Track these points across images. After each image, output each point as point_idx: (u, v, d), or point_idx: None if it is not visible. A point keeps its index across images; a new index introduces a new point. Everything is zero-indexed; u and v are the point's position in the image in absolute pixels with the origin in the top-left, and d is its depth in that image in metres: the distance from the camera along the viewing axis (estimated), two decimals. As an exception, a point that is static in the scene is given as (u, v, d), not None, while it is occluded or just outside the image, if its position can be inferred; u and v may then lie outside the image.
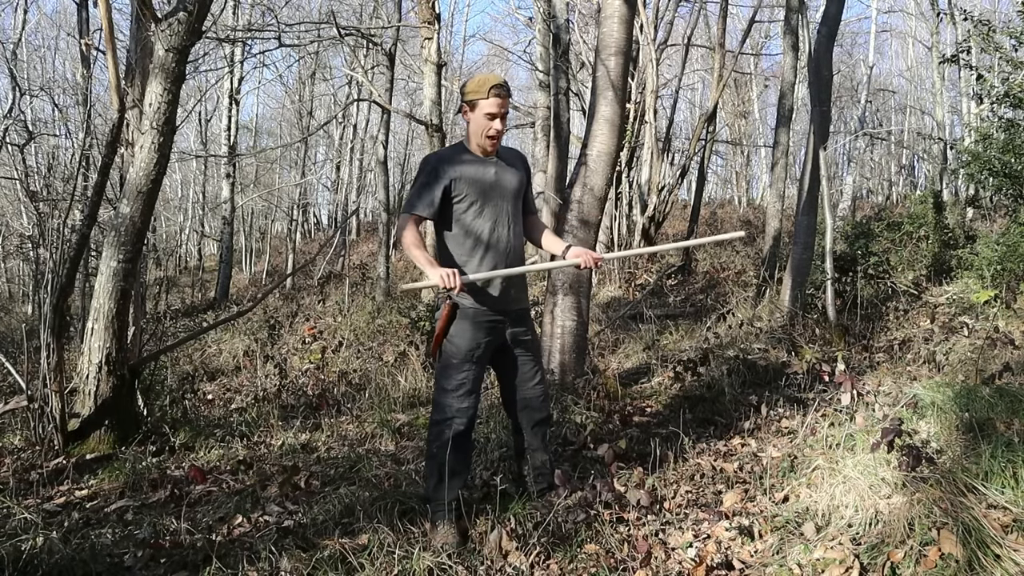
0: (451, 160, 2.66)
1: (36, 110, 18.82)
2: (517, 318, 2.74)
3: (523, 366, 2.78)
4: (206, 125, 21.49)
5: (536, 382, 2.81)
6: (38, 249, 5.04)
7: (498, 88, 2.57)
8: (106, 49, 3.78)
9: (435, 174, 2.63)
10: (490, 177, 2.66)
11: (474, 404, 2.67)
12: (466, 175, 2.63)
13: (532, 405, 2.82)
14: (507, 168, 2.73)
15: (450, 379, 2.64)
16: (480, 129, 2.61)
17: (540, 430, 2.88)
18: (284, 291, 14.45)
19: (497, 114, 2.58)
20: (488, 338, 2.67)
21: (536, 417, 2.85)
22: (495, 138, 2.62)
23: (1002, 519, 2.24)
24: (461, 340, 2.64)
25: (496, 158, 2.71)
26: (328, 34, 11.01)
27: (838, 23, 6.69)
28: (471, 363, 2.64)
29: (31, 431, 3.73)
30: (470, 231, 2.64)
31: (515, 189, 2.72)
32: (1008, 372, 4.04)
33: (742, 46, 13.01)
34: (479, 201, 2.64)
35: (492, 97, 2.56)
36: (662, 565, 2.49)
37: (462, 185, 2.62)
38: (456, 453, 2.64)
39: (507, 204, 2.69)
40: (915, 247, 9.41)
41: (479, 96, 2.57)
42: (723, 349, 5.31)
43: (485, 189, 2.65)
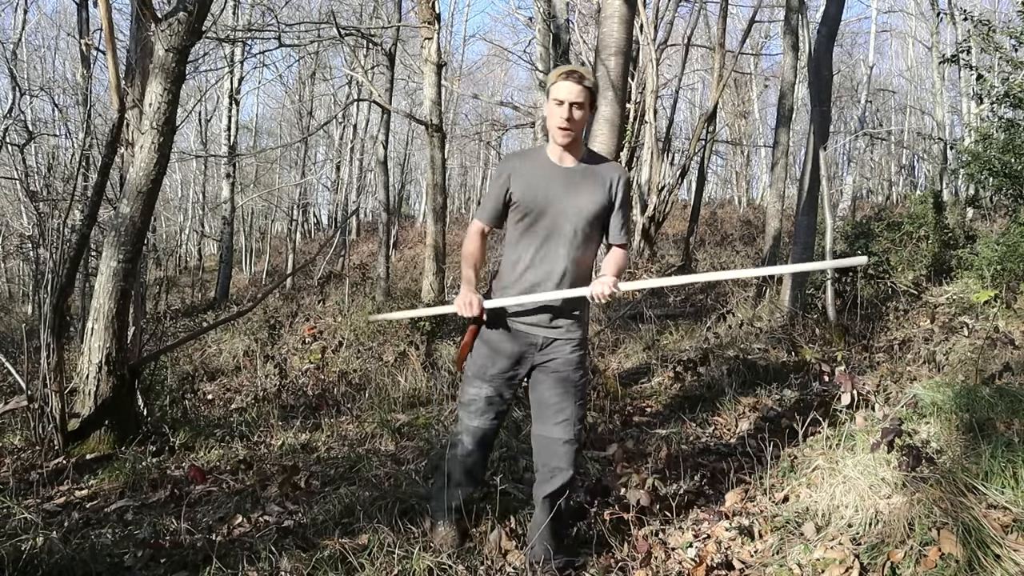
0: (521, 162, 2.41)
1: (36, 110, 18.83)
2: (550, 344, 2.42)
3: (547, 401, 2.42)
4: (206, 125, 21.49)
5: (561, 420, 2.39)
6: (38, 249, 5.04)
7: (569, 72, 2.30)
8: (106, 49, 3.78)
9: (501, 176, 2.41)
10: (556, 189, 2.35)
11: (486, 426, 2.48)
12: (527, 182, 2.36)
13: (551, 451, 2.39)
14: (589, 182, 2.37)
15: (464, 392, 2.53)
16: (551, 119, 2.33)
17: (554, 498, 2.40)
18: (284, 291, 14.45)
19: (564, 100, 2.28)
20: (509, 358, 2.44)
21: (554, 479, 2.39)
22: (565, 130, 2.30)
23: (1002, 519, 2.24)
24: (477, 355, 2.48)
25: (581, 166, 2.39)
26: (328, 34, 11.01)
27: (838, 23, 6.70)
28: (483, 382, 2.45)
29: (31, 431, 3.73)
30: (518, 245, 2.40)
31: (591, 209, 2.36)
32: (1008, 372, 4.05)
33: (742, 46, 13.02)
34: (533, 213, 2.35)
35: (560, 80, 2.29)
36: (662, 565, 2.49)
37: (519, 192, 2.36)
38: (461, 467, 2.55)
39: (572, 224, 2.35)
40: (915, 247, 9.41)
41: (551, 82, 2.33)
42: (723, 349, 5.31)
43: (546, 201, 2.34)
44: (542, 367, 2.44)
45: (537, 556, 2.41)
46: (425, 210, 21.77)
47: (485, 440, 2.52)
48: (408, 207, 32.41)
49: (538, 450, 2.45)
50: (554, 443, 2.39)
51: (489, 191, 2.45)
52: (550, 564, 2.40)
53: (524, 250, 2.39)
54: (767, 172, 19.40)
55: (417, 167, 30.58)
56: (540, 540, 2.42)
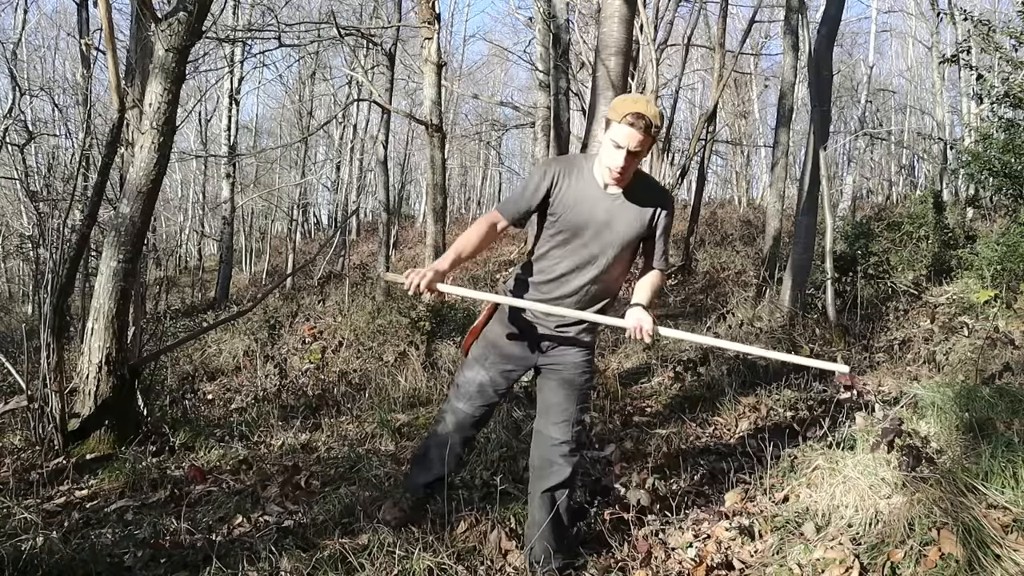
0: (567, 173, 2.29)
1: (36, 110, 18.85)
2: (557, 345, 2.41)
3: (549, 401, 2.42)
4: (206, 125, 21.50)
5: (560, 421, 2.38)
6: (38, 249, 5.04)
7: (636, 117, 2.09)
8: (106, 49, 3.78)
9: (544, 180, 2.29)
10: (599, 214, 2.27)
11: (471, 411, 2.49)
12: (572, 198, 2.27)
13: (547, 448, 2.39)
14: (631, 209, 2.29)
15: (461, 373, 2.55)
16: (606, 155, 2.20)
17: (549, 496, 2.39)
18: (284, 291, 14.45)
19: (623, 147, 2.13)
20: (510, 350, 2.44)
21: (549, 475, 2.38)
22: (617, 176, 2.20)
23: (1002, 519, 2.24)
24: (484, 340, 2.49)
25: (623, 193, 2.28)
26: (328, 34, 11.01)
27: (838, 23, 6.70)
28: (482, 368, 2.47)
29: (31, 431, 3.73)
30: (549, 255, 2.35)
31: (628, 238, 2.30)
32: (1008, 372, 4.05)
33: (742, 46, 13.01)
34: (570, 231, 2.29)
35: (624, 125, 2.11)
36: (662, 565, 2.49)
37: (562, 207, 2.27)
38: (437, 448, 2.57)
39: (609, 250, 2.30)
40: (915, 247, 9.42)
41: (615, 117, 2.15)
42: (723, 349, 5.31)
43: (586, 224, 2.27)
44: (549, 368, 2.44)
45: (537, 556, 2.40)
46: (425, 210, 21.79)
47: (466, 427, 2.54)
48: (408, 207, 32.40)
49: (535, 445, 2.46)
50: (550, 441, 2.41)
51: (523, 189, 2.33)
52: (550, 564, 2.39)
53: (554, 262, 2.35)
54: (767, 172, 19.39)
55: (417, 167, 30.58)
56: (540, 539, 2.40)
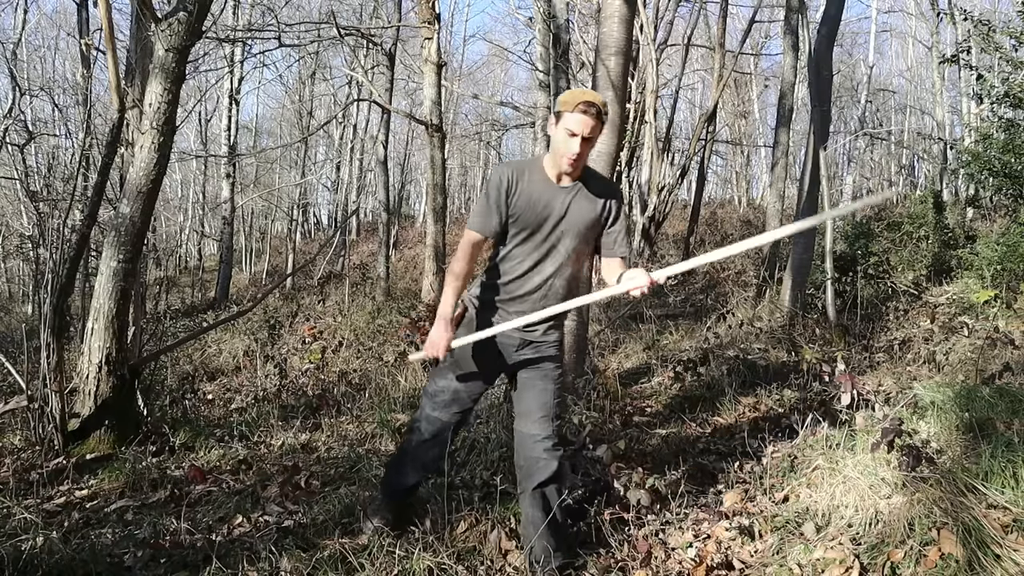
0: (520, 175, 2.37)
1: (36, 110, 18.84)
2: (527, 345, 2.45)
3: (525, 400, 2.46)
4: (206, 125, 21.50)
5: (538, 417, 2.41)
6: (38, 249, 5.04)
7: (587, 105, 2.24)
8: (106, 49, 3.78)
9: (501, 188, 2.36)
10: (555, 207, 2.35)
11: (447, 419, 2.50)
12: (526, 198, 2.35)
13: (530, 446, 2.41)
14: (584, 200, 2.38)
15: (433, 382, 2.55)
16: (558, 146, 2.30)
17: (540, 493, 2.40)
18: (284, 291, 14.44)
19: (578, 134, 2.25)
20: (481, 356, 2.45)
21: (536, 471, 2.39)
22: (573, 161, 2.30)
23: (1002, 519, 2.24)
24: (454, 348, 2.49)
25: (578, 185, 2.39)
26: (328, 34, 11.01)
27: (838, 23, 6.71)
28: (453, 374, 2.48)
29: (31, 431, 3.73)
30: (510, 259, 2.41)
31: (584, 228, 2.38)
32: (1008, 372, 4.05)
33: (742, 46, 13.01)
34: (529, 229, 2.37)
35: (577, 112, 2.24)
36: (662, 565, 2.49)
37: (520, 207, 2.36)
38: (414, 457, 2.58)
39: (568, 242, 2.38)
40: (915, 247, 9.41)
41: (566, 108, 2.27)
42: (723, 349, 5.32)
43: (543, 219, 2.35)
44: (521, 368, 2.48)
45: (537, 555, 2.39)
46: (425, 210, 21.79)
47: (443, 434, 2.54)
48: (408, 207, 32.40)
49: (518, 446, 2.47)
50: (533, 438, 2.42)
51: (487, 201, 2.38)
52: (550, 563, 2.38)
53: (517, 261, 2.41)
54: (767, 172, 19.39)
55: (417, 167, 30.58)
56: (538, 538, 2.39)
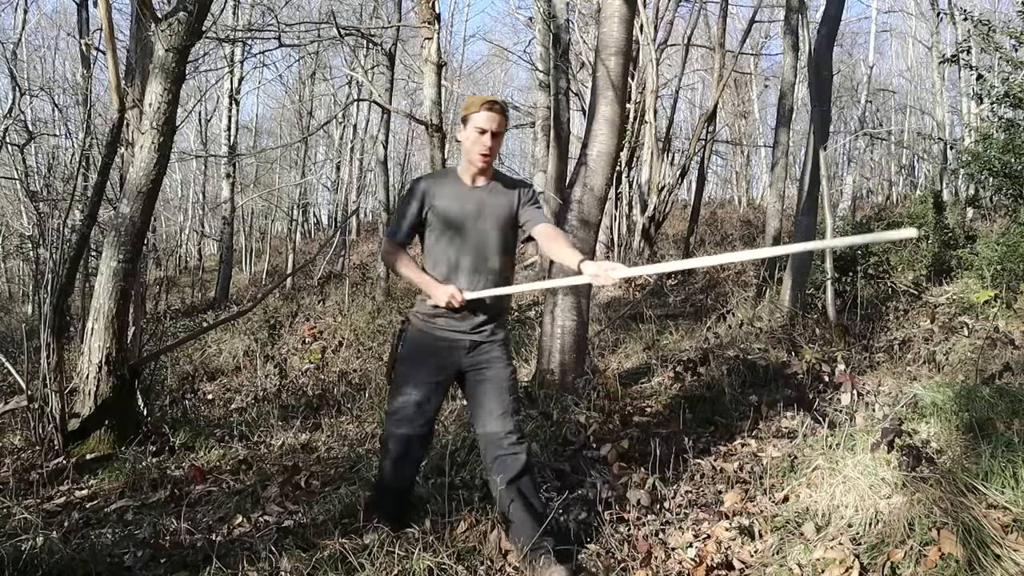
0: (432, 184, 2.57)
1: (36, 110, 18.84)
2: (476, 347, 2.54)
3: (482, 400, 2.52)
4: (206, 125, 21.50)
5: (499, 415, 2.49)
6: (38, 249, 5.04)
7: (492, 103, 2.47)
8: (106, 49, 3.78)
9: (414, 198, 2.55)
10: (470, 207, 2.52)
11: (412, 432, 2.53)
12: (441, 202, 2.52)
13: (496, 444, 2.47)
14: (497, 195, 2.56)
15: (392, 401, 2.58)
16: (470, 145, 2.49)
17: (516, 488, 2.45)
18: (284, 291, 14.44)
19: (487, 129, 2.45)
20: (434, 364, 2.53)
21: (505, 468, 2.44)
22: (486, 155, 2.48)
23: (1002, 519, 2.25)
24: (403, 363, 2.57)
25: (491, 184, 2.58)
26: (328, 34, 11.01)
27: (838, 23, 6.70)
28: (412, 388, 2.52)
29: (31, 431, 3.73)
30: (439, 261, 2.54)
31: (503, 220, 2.55)
32: (1008, 372, 4.05)
33: (742, 46, 13.01)
34: (450, 231, 2.52)
35: (484, 111, 2.45)
36: (662, 565, 2.49)
37: (434, 213, 2.53)
38: (390, 475, 2.61)
39: (489, 235, 2.53)
40: (915, 247, 9.41)
41: (471, 111, 2.47)
42: (723, 349, 5.31)
43: (462, 219, 2.51)
44: (472, 370, 2.55)
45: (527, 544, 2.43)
46: (425, 210, 21.65)
47: (413, 449, 2.58)
48: (408, 207, 32.32)
49: (484, 448, 2.53)
50: (495, 436, 2.48)
51: (401, 211, 2.57)
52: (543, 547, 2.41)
53: (444, 264, 2.52)
54: (767, 172, 19.40)
55: (417, 167, 30.57)
56: (524, 530, 2.43)
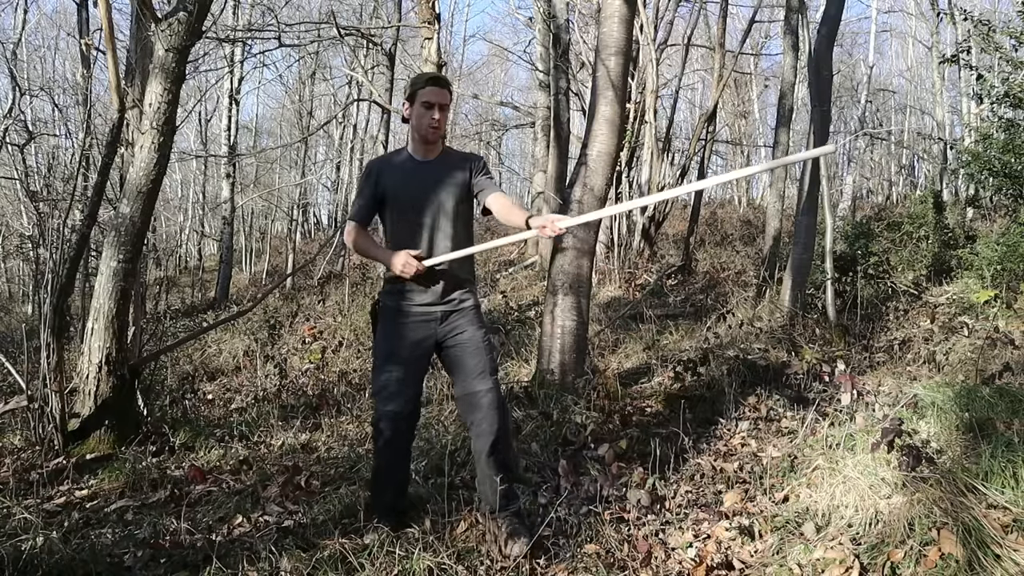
0: (385, 164, 2.65)
1: (36, 110, 18.83)
2: (447, 317, 2.59)
3: (459, 363, 2.58)
4: (206, 125, 21.51)
5: (477, 374, 2.53)
6: (38, 249, 5.04)
7: (436, 79, 2.55)
8: (106, 49, 3.78)
9: (368, 179, 2.63)
10: (423, 182, 2.58)
11: (401, 408, 2.56)
12: (393, 180, 2.59)
13: (475, 405, 2.51)
14: (448, 168, 2.62)
15: (375, 381, 2.60)
16: (418, 121, 2.55)
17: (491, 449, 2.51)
18: (284, 291, 14.44)
19: (433, 103, 2.51)
20: (411, 338, 2.56)
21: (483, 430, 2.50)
22: (435, 128, 2.53)
23: (1002, 519, 2.24)
24: (381, 340, 2.60)
25: (440, 158, 2.64)
26: (328, 34, 11.01)
27: (838, 23, 6.70)
28: (393, 364, 2.55)
29: (31, 431, 3.73)
30: (397, 236, 2.60)
31: (457, 192, 2.60)
32: (1008, 372, 4.05)
33: (742, 46, 13.01)
34: (406, 206, 2.58)
35: (429, 87, 2.52)
36: (662, 565, 2.49)
37: (388, 191, 2.59)
38: (386, 460, 2.63)
39: (445, 206, 2.58)
40: (915, 247, 9.41)
41: (417, 87, 2.54)
42: (723, 349, 5.31)
43: (413, 194, 2.57)
44: (448, 338, 2.59)
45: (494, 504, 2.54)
46: (425, 210, 21.65)
47: (403, 427, 2.60)
48: (408, 207, 32.34)
49: (464, 409, 2.59)
50: (476, 396, 2.52)
51: (359, 194, 2.66)
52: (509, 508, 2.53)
53: (404, 239, 2.57)
54: (767, 172, 19.38)
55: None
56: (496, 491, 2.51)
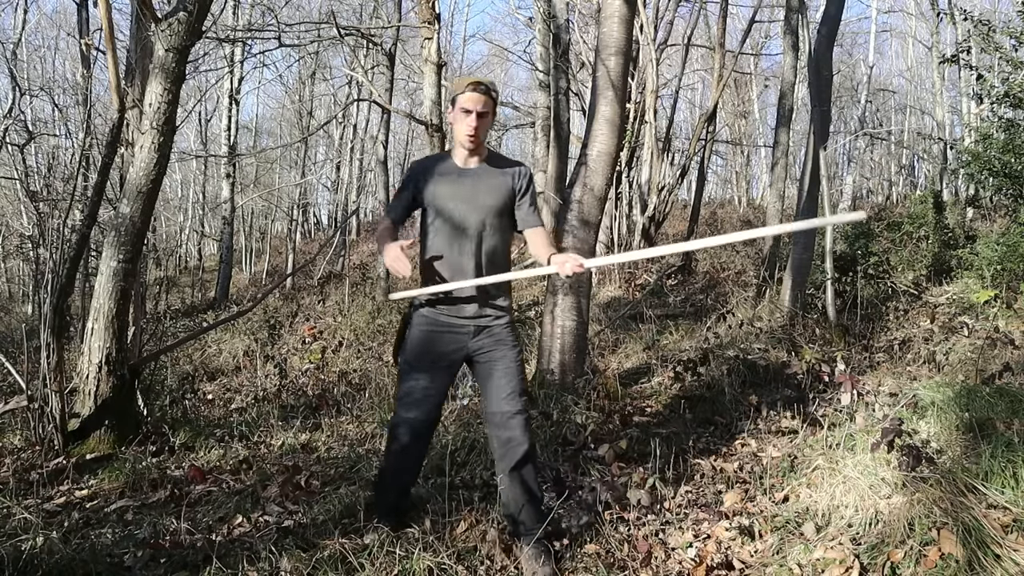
0: (427, 168, 2.59)
1: (36, 110, 18.83)
2: (480, 331, 2.54)
3: (490, 382, 2.53)
4: (206, 125, 21.51)
5: (506, 395, 2.49)
6: (38, 249, 5.04)
7: (476, 84, 2.45)
8: (106, 49, 3.78)
9: (409, 180, 2.60)
10: (463, 190, 2.52)
11: (422, 416, 2.54)
12: (433, 186, 2.54)
13: (503, 426, 2.47)
14: (492, 178, 2.55)
15: (400, 386, 2.59)
16: (458, 126, 2.49)
17: (518, 475, 2.48)
18: (284, 291, 14.45)
19: (473, 110, 2.44)
20: (440, 349, 2.53)
21: (509, 452, 2.46)
22: (472, 136, 2.47)
23: (1002, 519, 2.24)
24: (410, 347, 2.57)
25: (484, 166, 2.57)
26: (328, 34, 11.01)
27: (838, 23, 6.70)
28: (419, 373, 2.53)
29: (31, 431, 3.73)
30: (433, 245, 2.56)
31: (497, 204, 2.53)
32: (1008, 372, 4.05)
33: (742, 46, 13.01)
34: (444, 213, 2.52)
35: (468, 91, 2.44)
36: (662, 565, 2.49)
37: (428, 196, 2.55)
38: (397, 464, 2.63)
39: (481, 219, 2.51)
40: (915, 247, 9.41)
41: (457, 91, 2.47)
42: (723, 349, 5.31)
43: (452, 204, 2.51)
44: (479, 353, 2.55)
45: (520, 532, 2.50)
46: (425, 210, 21.66)
47: (422, 434, 2.59)
48: (408, 207, 32.33)
49: (490, 427, 2.54)
50: (505, 416, 2.48)
51: (398, 192, 2.63)
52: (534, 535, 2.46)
53: (439, 247, 2.54)
54: (767, 172, 19.40)
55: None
56: (522, 516, 2.49)
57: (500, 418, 2.49)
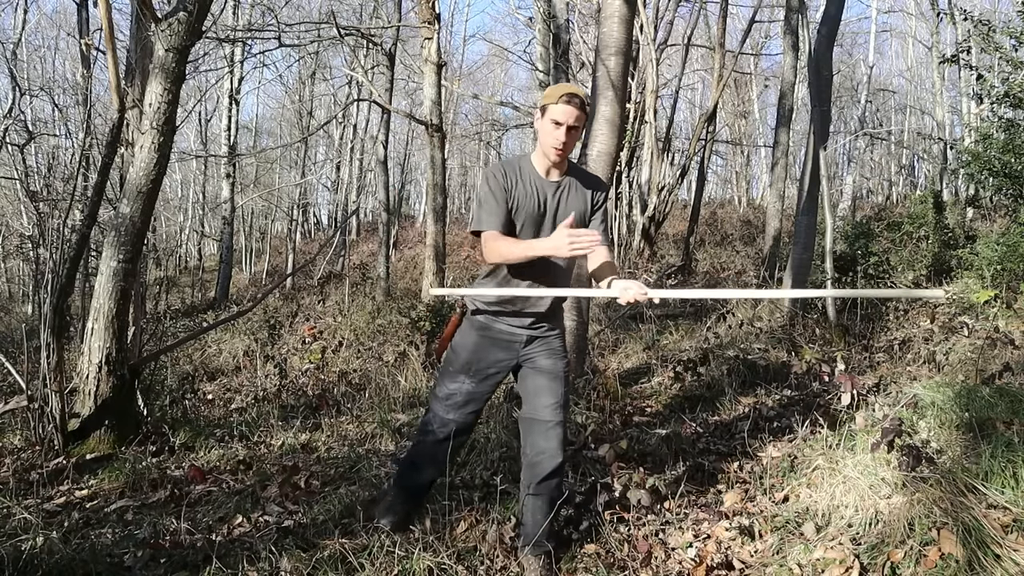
0: (514, 171, 2.46)
1: (36, 110, 18.84)
2: (532, 340, 2.51)
3: (536, 389, 2.49)
4: (206, 125, 21.52)
5: (551, 403, 2.45)
6: (38, 249, 5.04)
7: (570, 96, 2.33)
8: (106, 49, 3.78)
9: (504, 186, 2.43)
10: (546, 200, 2.44)
11: (462, 419, 2.53)
12: (521, 192, 2.43)
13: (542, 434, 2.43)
14: (575, 191, 2.48)
15: (443, 386, 2.56)
16: (545, 137, 2.39)
17: (545, 487, 2.44)
18: (284, 291, 14.45)
19: (564, 123, 2.33)
20: (493, 357, 2.51)
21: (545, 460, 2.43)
22: (560, 151, 2.37)
23: (1002, 519, 2.24)
24: (461, 349, 2.53)
25: (567, 180, 2.48)
26: (328, 34, 11.01)
27: (838, 23, 6.70)
28: (466, 376, 2.51)
29: (31, 431, 3.73)
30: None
31: (578, 218, 2.43)
32: (1008, 372, 4.05)
33: (742, 46, 13.02)
34: (525, 225, 2.43)
35: (561, 103, 2.32)
36: (662, 565, 2.49)
37: (515, 205, 2.43)
38: (429, 458, 2.61)
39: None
40: (915, 247, 9.42)
41: (550, 101, 2.36)
42: (723, 349, 5.31)
43: (539, 214, 2.44)
44: (529, 361, 2.52)
45: (531, 543, 2.44)
46: (425, 210, 21.78)
47: (458, 434, 2.56)
48: (408, 207, 32.40)
49: (526, 432, 2.48)
50: (543, 425, 2.44)
51: (489, 200, 2.42)
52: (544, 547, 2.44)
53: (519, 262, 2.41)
54: (767, 172, 19.40)
55: (417, 167, 30.59)
56: (535, 526, 2.44)
57: (543, 427, 2.44)
